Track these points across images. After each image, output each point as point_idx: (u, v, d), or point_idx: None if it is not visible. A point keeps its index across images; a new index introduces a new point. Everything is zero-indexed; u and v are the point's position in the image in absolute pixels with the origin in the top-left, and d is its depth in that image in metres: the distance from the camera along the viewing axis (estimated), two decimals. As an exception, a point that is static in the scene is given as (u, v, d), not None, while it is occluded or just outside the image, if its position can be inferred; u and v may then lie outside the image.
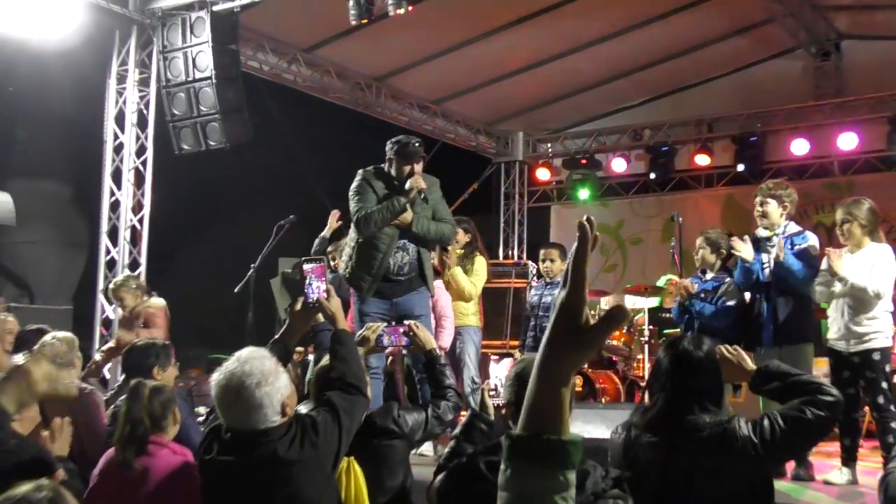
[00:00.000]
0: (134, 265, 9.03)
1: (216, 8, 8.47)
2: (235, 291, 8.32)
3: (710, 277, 6.11)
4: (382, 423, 3.58)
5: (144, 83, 9.17)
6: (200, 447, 3.20)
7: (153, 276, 9.09)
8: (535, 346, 7.12)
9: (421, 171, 5.78)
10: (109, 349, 6.81)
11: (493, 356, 8.02)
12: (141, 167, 9.14)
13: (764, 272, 5.69)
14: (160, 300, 6.92)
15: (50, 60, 9.06)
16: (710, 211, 12.34)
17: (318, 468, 3.07)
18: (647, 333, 8.78)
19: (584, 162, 13.50)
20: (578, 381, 8.06)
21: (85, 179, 10.44)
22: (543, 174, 14.05)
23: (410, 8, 7.97)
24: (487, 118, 13.48)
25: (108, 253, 9.04)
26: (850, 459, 5.30)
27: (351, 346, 3.47)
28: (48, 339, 4.85)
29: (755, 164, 11.98)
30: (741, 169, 12.07)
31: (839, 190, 11.39)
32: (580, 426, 3.33)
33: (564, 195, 14.10)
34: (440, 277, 6.92)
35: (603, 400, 8.13)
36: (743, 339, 5.54)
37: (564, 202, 14.17)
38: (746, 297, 5.99)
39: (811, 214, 11.65)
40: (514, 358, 7.54)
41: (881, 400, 5.21)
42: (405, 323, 4.15)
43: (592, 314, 1.34)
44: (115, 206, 9.09)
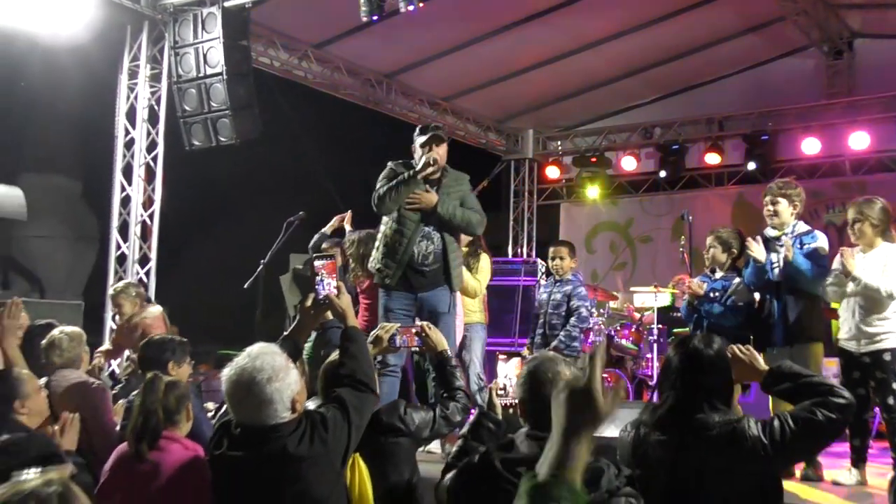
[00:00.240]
0: (144, 260, 9.07)
1: (227, 4, 8.48)
2: (245, 287, 8.33)
3: (719, 276, 6.09)
4: (389, 420, 3.58)
5: (156, 79, 9.20)
6: (211, 442, 3.21)
7: (163, 271, 9.13)
8: (543, 343, 7.12)
9: (443, 154, 5.66)
10: (107, 351, 6.81)
11: (500, 355, 8.01)
12: (152, 163, 9.17)
13: (773, 272, 5.67)
14: (157, 308, 6.86)
15: (61, 56, 9.11)
16: (720, 209, 12.30)
17: (327, 464, 3.08)
18: (655, 332, 8.77)
19: (594, 160, 13.48)
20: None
21: (96, 175, 10.50)
22: (553, 172, 14.06)
23: (421, 4, 7.97)
24: (497, 115, 13.48)
25: (118, 248, 9.08)
26: (859, 460, 5.28)
27: (361, 342, 3.46)
28: (56, 333, 4.87)
29: (766, 162, 11.95)
30: (752, 167, 12.03)
31: (850, 189, 11.34)
32: (588, 424, 3.31)
33: (574, 193, 14.09)
34: None
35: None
36: (753, 338, 5.52)
37: (574, 200, 14.16)
38: (755, 296, 5.97)
39: (822, 214, 11.60)
40: (521, 357, 7.53)
41: (891, 401, 5.18)
42: (417, 324, 4.15)
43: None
44: (125, 201, 9.12)
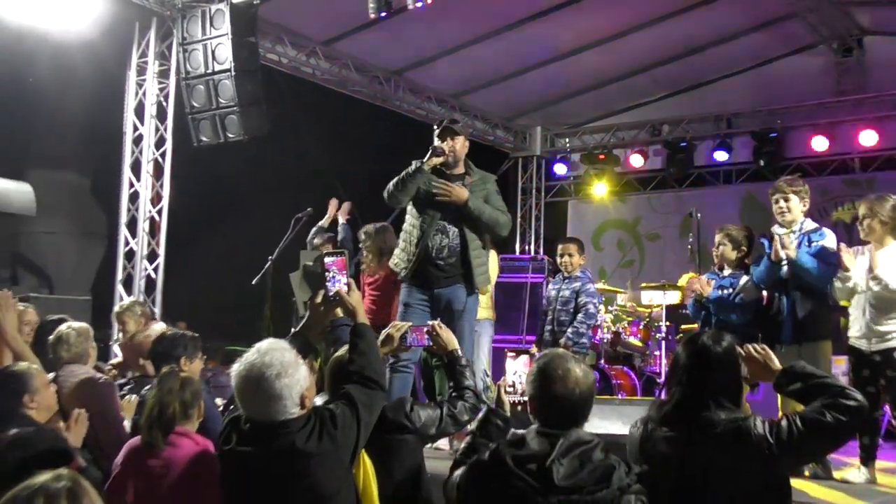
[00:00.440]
0: (152, 256, 9.10)
1: (236, 0, 8.49)
2: (253, 283, 8.35)
3: (727, 274, 6.07)
4: (394, 416, 3.58)
5: (164, 75, 9.22)
6: (220, 437, 3.21)
7: (171, 267, 9.15)
8: (552, 340, 7.11)
9: (459, 148, 5.60)
10: (119, 364, 6.80)
11: (509, 353, 8.00)
12: (160, 159, 9.20)
13: (782, 269, 5.65)
14: (160, 326, 6.86)
15: (70, 52, 9.12)
16: (728, 207, 12.25)
17: (335, 461, 3.08)
18: (663, 329, 8.76)
19: (602, 157, 13.47)
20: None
21: (104, 171, 10.52)
22: (561, 169, 14.04)
23: (429, 1, 7.96)
24: (505, 112, 13.46)
25: (126, 244, 9.11)
26: (868, 458, 5.27)
27: (370, 339, 3.46)
28: (63, 328, 4.88)
29: (775, 160, 11.93)
30: (761, 165, 11.99)
31: (859, 187, 11.31)
32: (596, 422, 3.31)
33: (582, 190, 14.08)
34: None
35: (619, 396, 8.10)
36: (761, 336, 5.51)
37: (582, 197, 14.14)
38: (763, 294, 5.96)
39: (830, 211, 11.56)
40: (530, 355, 7.52)
41: (901, 399, 5.17)
42: (428, 323, 4.15)
43: None
44: (134, 197, 9.15)
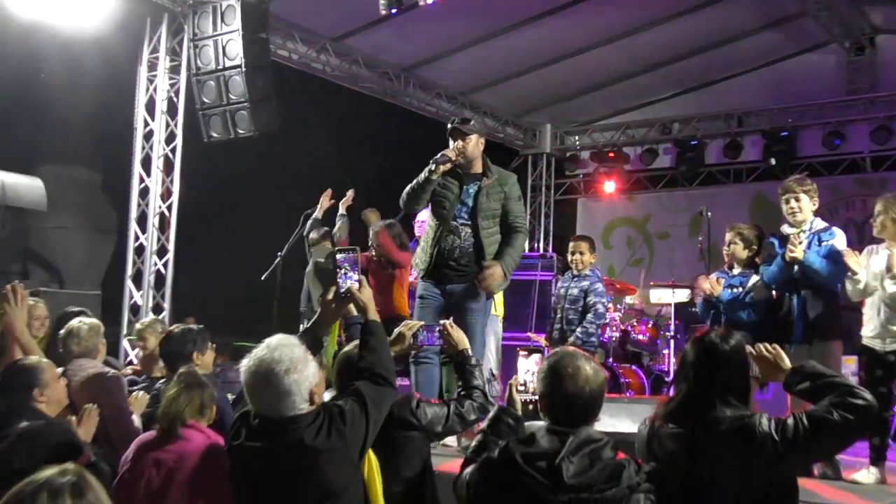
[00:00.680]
0: (162, 252, 9.12)
1: (246, -4, 8.51)
2: (262, 279, 8.37)
3: (737, 273, 6.05)
4: (400, 413, 3.58)
5: (175, 71, 9.25)
6: (229, 432, 3.22)
7: (181, 262, 9.17)
8: (560, 338, 7.10)
9: (471, 148, 5.51)
10: (136, 370, 6.80)
11: (521, 351, 7.99)
12: (170, 154, 9.23)
13: (793, 269, 5.63)
14: None
15: (81, 47, 9.14)
16: (738, 206, 12.23)
17: (344, 457, 3.08)
18: (672, 328, 8.75)
19: (611, 155, 13.45)
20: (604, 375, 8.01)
21: (115, 166, 10.55)
22: (571, 167, 14.07)
23: (440, -2, 7.96)
24: (515, 110, 13.46)
25: (136, 239, 9.15)
26: (878, 459, 5.24)
27: (381, 336, 3.46)
28: (74, 322, 4.90)
29: (786, 159, 11.88)
30: (772, 164, 11.95)
31: (871, 186, 11.27)
32: (605, 420, 3.30)
33: (591, 188, 14.06)
34: None
35: (627, 395, 8.09)
36: (771, 335, 5.48)
37: (591, 195, 14.13)
38: (773, 294, 5.94)
39: (841, 211, 11.52)
40: (542, 354, 7.51)
41: (913, 400, 5.14)
42: (440, 322, 4.15)
43: None
44: (144, 192, 9.19)
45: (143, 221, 9.16)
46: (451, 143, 5.55)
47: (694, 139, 12.72)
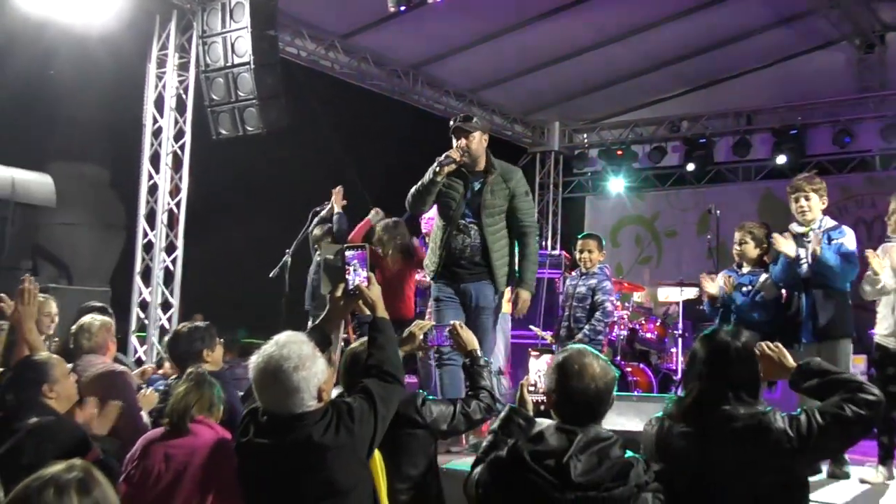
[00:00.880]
0: (171, 248, 9.15)
1: (255, -7, 8.51)
2: (271, 276, 8.37)
3: (746, 271, 6.04)
4: (405, 411, 3.58)
5: (184, 68, 9.26)
6: (238, 429, 3.23)
7: (189, 259, 9.19)
8: (568, 335, 7.09)
9: (475, 146, 5.48)
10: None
11: (532, 351, 7.97)
12: (179, 151, 9.25)
13: (802, 268, 5.61)
14: None
15: (90, 44, 9.16)
16: (747, 204, 12.19)
17: (352, 454, 3.08)
18: (680, 326, 8.73)
19: (620, 153, 13.43)
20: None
21: (123, 163, 10.57)
22: (579, 165, 14.03)
23: (449, -5, 7.95)
24: (524, 108, 13.44)
25: (145, 236, 9.18)
26: (887, 458, 5.22)
27: (389, 333, 3.46)
28: (86, 318, 4.92)
29: (795, 157, 11.83)
30: (782, 162, 11.90)
31: (880, 184, 11.22)
32: (613, 418, 3.30)
33: (600, 186, 14.04)
34: None
35: (635, 393, 8.08)
36: (781, 334, 5.47)
37: (599, 193, 14.11)
38: (782, 293, 5.92)
39: (851, 209, 11.48)
40: (552, 354, 7.50)
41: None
42: (449, 322, 4.15)
43: None
44: (153, 189, 9.21)
45: (151, 218, 9.18)
46: (454, 141, 5.52)
47: (703, 137, 12.70)
